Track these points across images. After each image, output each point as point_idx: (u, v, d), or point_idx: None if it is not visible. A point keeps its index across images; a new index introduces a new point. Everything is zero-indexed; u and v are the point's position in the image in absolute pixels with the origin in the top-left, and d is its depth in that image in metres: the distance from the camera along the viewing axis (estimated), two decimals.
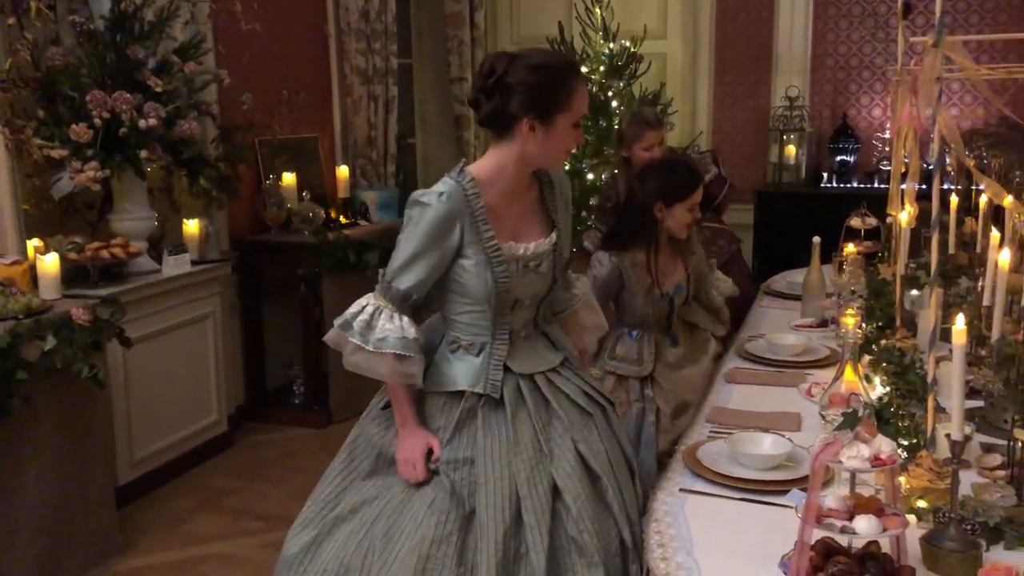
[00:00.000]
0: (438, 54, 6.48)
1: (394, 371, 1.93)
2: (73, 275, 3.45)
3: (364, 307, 1.96)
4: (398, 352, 1.91)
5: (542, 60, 1.93)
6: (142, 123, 3.50)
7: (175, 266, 3.84)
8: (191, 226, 4.06)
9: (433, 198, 1.91)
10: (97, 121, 3.42)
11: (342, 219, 4.96)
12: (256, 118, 4.39)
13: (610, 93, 5.37)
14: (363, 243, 4.74)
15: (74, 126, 3.40)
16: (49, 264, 3.21)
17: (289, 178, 4.76)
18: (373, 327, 1.93)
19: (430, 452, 1.98)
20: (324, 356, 4.69)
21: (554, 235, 2.05)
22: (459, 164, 1.99)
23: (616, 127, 5.32)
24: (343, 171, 5.15)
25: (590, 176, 5.25)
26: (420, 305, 2.02)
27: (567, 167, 5.28)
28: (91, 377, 3.02)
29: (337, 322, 1.97)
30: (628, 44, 5.48)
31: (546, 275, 2.04)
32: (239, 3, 4.11)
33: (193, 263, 3.96)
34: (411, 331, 1.94)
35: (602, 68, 5.41)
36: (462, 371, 2.01)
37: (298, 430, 4.57)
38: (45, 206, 3.59)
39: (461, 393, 1.99)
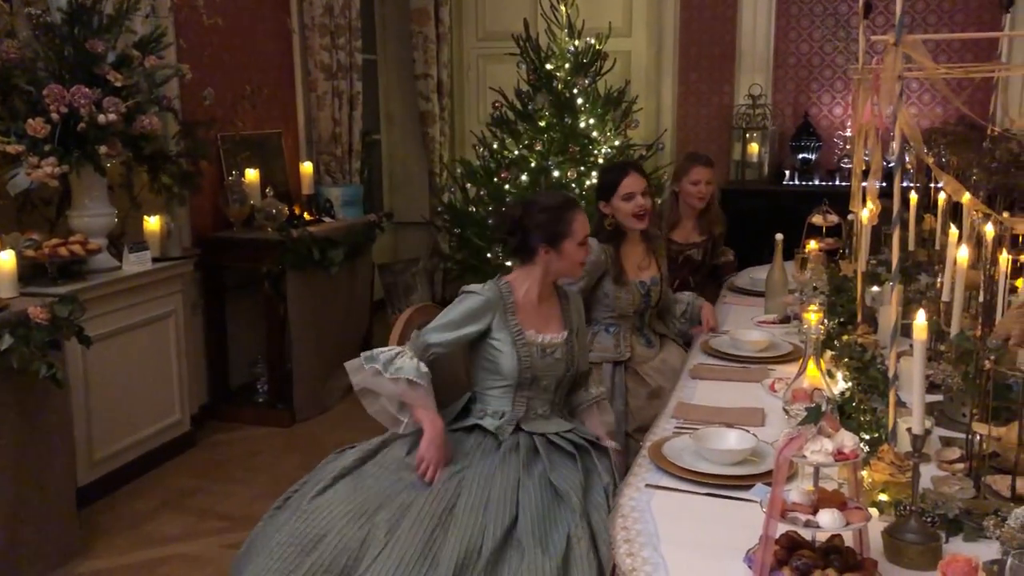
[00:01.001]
0: (403, 50, 6.46)
1: (403, 391, 2.38)
2: (31, 273, 3.38)
3: (392, 349, 2.44)
4: (410, 378, 2.36)
5: (548, 202, 2.53)
6: (101, 118, 3.44)
7: (136, 263, 3.78)
8: (152, 223, 4.00)
9: (478, 288, 2.50)
10: (55, 116, 3.36)
11: (306, 216, 4.92)
12: (218, 113, 4.34)
13: (575, 90, 5.38)
14: (327, 240, 4.71)
15: (30, 120, 3.33)
16: (5, 261, 3.14)
17: (252, 174, 4.71)
18: (393, 362, 2.38)
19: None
20: (288, 354, 4.66)
21: (566, 332, 2.56)
22: (498, 277, 2.55)
23: (582, 125, 5.36)
24: (307, 167, 5.11)
25: (556, 173, 5.26)
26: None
27: (533, 164, 5.31)
28: (49, 377, 2.97)
29: (364, 354, 2.42)
30: (593, 41, 5.50)
31: (560, 360, 2.52)
32: None
33: (154, 260, 3.91)
34: (423, 368, 2.39)
35: (567, 65, 5.42)
36: (486, 420, 2.49)
37: (262, 429, 4.52)
38: (1, 202, 3.51)
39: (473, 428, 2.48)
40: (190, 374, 4.23)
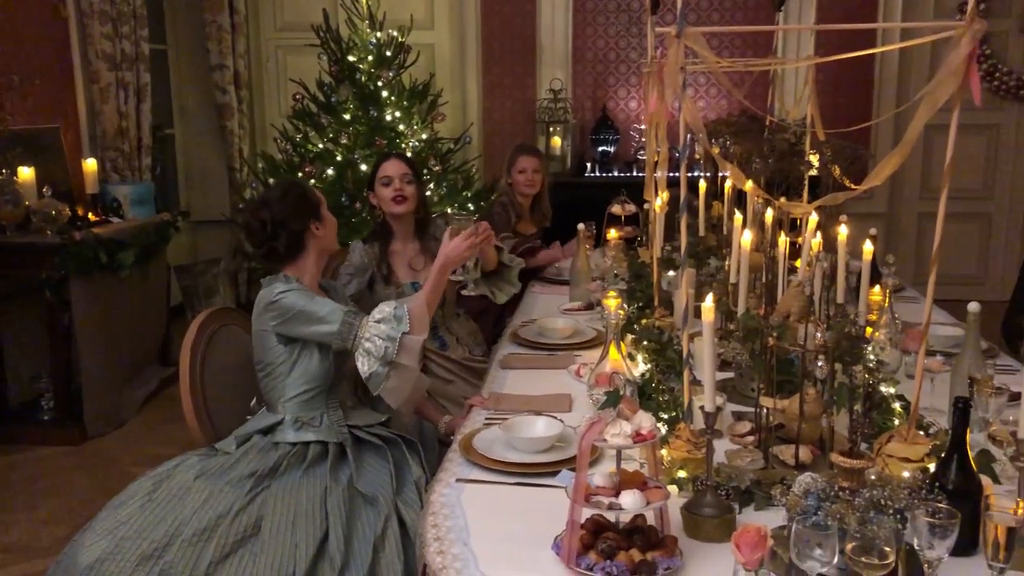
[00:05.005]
0: (196, 40, 6.14)
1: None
2: None
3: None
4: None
5: (284, 188, 2.55)
6: None
7: None
8: None
9: (282, 286, 2.38)
10: None
11: (91, 216, 4.58)
12: None
13: (379, 83, 5.30)
14: (115, 242, 4.41)
15: None
16: None
17: (26, 173, 4.32)
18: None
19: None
20: (76, 366, 4.32)
21: None
22: (279, 275, 2.45)
23: (388, 118, 5.29)
24: (90, 164, 4.74)
25: (363, 167, 5.16)
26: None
27: (339, 158, 5.18)
28: None
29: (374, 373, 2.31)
30: (396, 34, 5.44)
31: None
32: None
33: None
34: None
35: (370, 57, 5.33)
36: (310, 435, 2.37)
37: (48, 449, 4.16)
38: None
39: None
40: None
